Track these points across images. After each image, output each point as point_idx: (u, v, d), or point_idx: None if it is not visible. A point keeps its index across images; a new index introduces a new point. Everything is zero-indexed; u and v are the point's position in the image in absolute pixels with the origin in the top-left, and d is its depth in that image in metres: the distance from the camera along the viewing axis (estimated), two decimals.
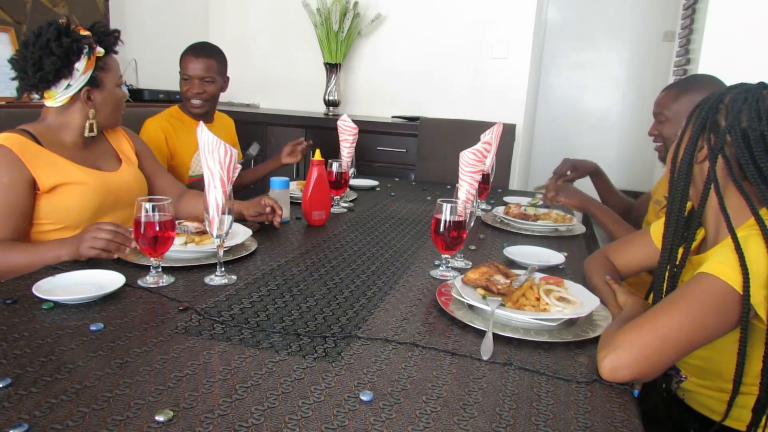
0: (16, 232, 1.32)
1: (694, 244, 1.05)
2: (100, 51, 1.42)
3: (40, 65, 1.34)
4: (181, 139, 2.06)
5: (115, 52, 1.50)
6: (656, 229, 1.24)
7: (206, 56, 2.07)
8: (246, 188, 2.36)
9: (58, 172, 1.37)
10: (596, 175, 2.17)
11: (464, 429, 0.71)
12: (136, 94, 3.05)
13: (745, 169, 0.92)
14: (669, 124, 1.64)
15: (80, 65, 1.38)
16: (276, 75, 3.99)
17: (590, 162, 2.17)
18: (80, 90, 1.41)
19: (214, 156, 1.10)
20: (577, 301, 1.07)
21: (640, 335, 0.83)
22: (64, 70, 1.36)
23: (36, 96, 1.42)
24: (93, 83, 1.43)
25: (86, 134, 1.45)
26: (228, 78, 2.18)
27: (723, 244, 0.93)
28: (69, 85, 1.39)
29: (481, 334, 0.97)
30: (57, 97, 1.39)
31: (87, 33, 1.40)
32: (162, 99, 3.10)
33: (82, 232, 1.22)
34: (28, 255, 1.24)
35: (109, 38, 1.45)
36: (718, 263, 0.87)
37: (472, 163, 1.32)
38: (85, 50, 1.38)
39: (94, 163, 1.48)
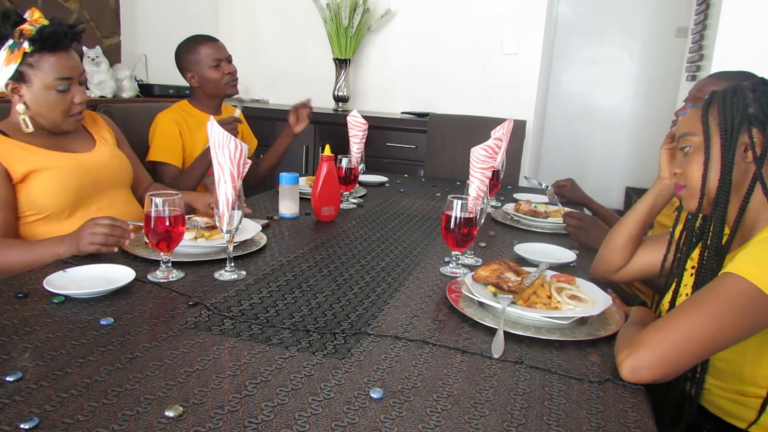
0: (3, 226, 1.32)
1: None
2: (26, 47, 1.35)
3: None
4: (194, 133, 2.07)
5: (37, 50, 1.36)
6: None
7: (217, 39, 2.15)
8: (270, 173, 2.36)
9: (28, 159, 1.37)
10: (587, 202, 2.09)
11: (475, 428, 0.70)
12: (146, 90, 3.06)
13: None
14: None
15: (1, 56, 1.35)
16: (285, 70, 3.99)
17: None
18: (6, 83, 1.38)
19: (224, 151, 1.10)
20: (588, 299, 1.06)
21: (662, 336, 0.82)
22: None
23: None
24: (18, 78, 1.38)
25: (23, 129, 1.40)
26: None
27: (751, 243, 0.91)
28: None
29: (491, 331, 0.96)
30: None
31: (27, 25, 1.35)
32: (172, 94, 3.11)
33: (80, 228, 1.22)
34: (26, 253, 1.24)
35: (37, 34, 1.35)
36: (744, 263, 0.85)
37: (483, 160, 1.31)
38: (9, 42, 1.35)
39: (65, 146, 1.47)
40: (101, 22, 2.97)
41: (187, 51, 2.09)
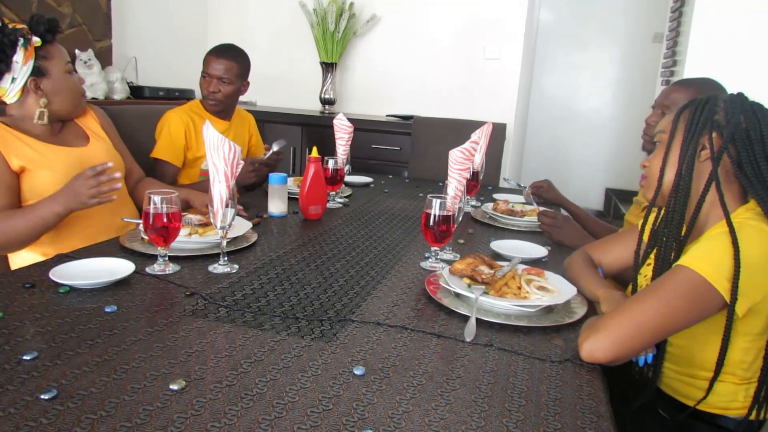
0: (8, 209, 1.39)
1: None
2: (36, 41, 1.45)
3: None
4: (200, 135, 2.13)
5: (49, 40, 1.50)
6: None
7: (227, 58, 2.13)
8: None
9: (28, 152, 1.44)
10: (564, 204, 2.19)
11: (447, 400, 0.79)
12: (137, 92, 3.11)
13: (745, 167, 1.00)
14: None
15: (18, 57, 1.43)
16: (273, 74, 4.06)
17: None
18: (26, 81, 1.46)
19: (219, 153, 1.18)
20: (555, 290, 1.15)
21: (617, 321, 0.91)
22: (1, 65, 1.42)
23: None
24: (38, 73, 1.47)
25: (35, 121, 1.49)
26: (248, 82, 2.23)
27: (702, 238, 1.01)
28: (14, 79, 1.44)
29: (466, 319, 1.05)
30: (8, 92, 1.45)
31: (21, 26, 1.45)
32: (162, 96, 3.16)
33: (69, 186, 1.30)
34: (26, 219, 1.33)
35: (39, 27, 1.47)
36: (694, 257, 0.94)
37: (461, 161, 1.40)
38: (21, 42, 1.43)
39: (63, 141, 1.55)
40: (93, 25, 3.02)
41: (207, 52, 2.16)
